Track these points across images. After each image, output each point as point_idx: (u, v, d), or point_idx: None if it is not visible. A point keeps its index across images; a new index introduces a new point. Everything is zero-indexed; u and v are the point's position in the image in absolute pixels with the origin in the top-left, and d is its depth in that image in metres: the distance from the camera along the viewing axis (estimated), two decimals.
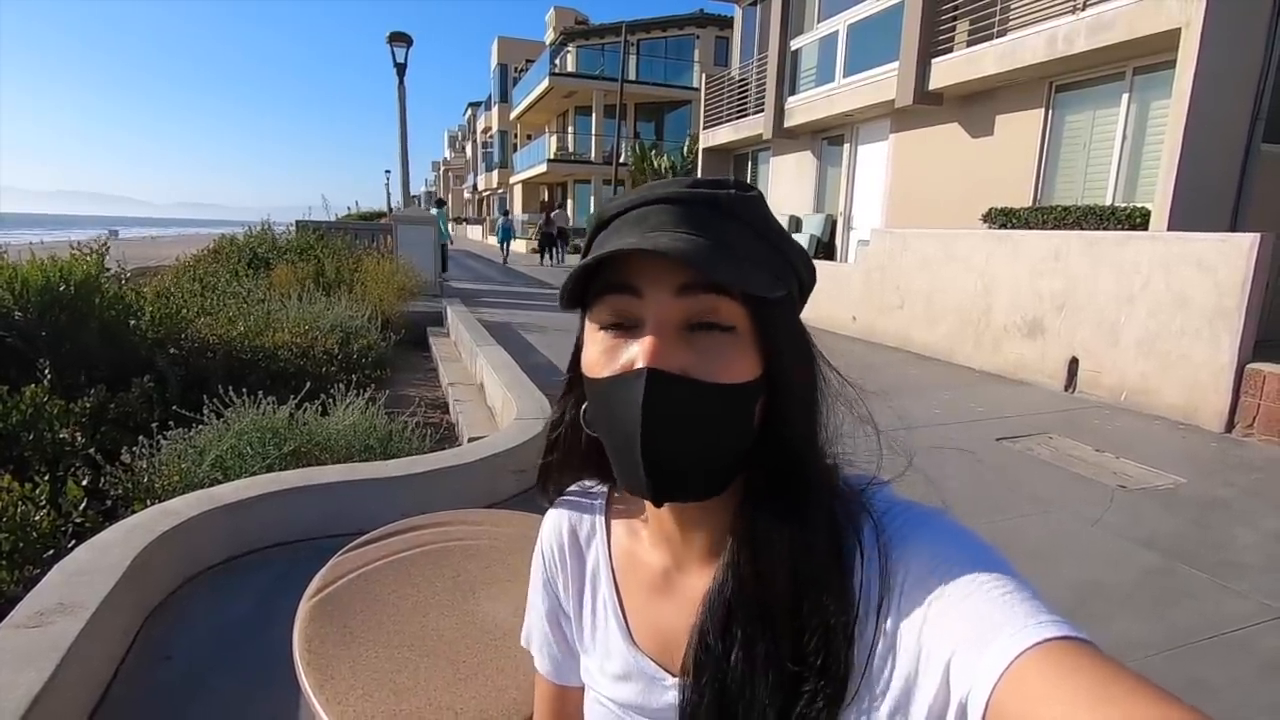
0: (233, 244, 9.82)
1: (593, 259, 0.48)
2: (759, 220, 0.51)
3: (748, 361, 0.49)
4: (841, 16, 9.48)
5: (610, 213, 0.53)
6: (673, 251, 0.45)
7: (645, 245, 0.45)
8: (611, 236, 0.51)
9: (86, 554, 2.01)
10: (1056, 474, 3.72)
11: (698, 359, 0.47)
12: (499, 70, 36.89)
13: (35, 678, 1.45)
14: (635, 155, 22.09)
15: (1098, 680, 0.35)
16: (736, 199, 0.51)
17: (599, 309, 0.51)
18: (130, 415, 3.37)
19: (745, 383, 0.49)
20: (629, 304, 0.49)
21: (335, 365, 4.67)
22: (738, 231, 0.50)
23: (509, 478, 3.07)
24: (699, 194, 0.50)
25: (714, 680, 0.51)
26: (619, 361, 0.49)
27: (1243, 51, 5.37)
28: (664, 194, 0.50)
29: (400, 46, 10.86)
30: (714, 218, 0.49)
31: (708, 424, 0.48)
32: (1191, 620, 2.34)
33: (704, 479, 0.51)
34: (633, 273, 0.49)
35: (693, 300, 0.48)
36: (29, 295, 3.77)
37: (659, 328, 0.48)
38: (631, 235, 0.49)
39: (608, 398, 0.50)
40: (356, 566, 1.35)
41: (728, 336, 0.48)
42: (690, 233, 0.48)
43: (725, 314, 0.48)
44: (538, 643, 0.71)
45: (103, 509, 2.57)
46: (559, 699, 0.71)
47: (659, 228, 0.49)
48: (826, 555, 0.49)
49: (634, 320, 0.49)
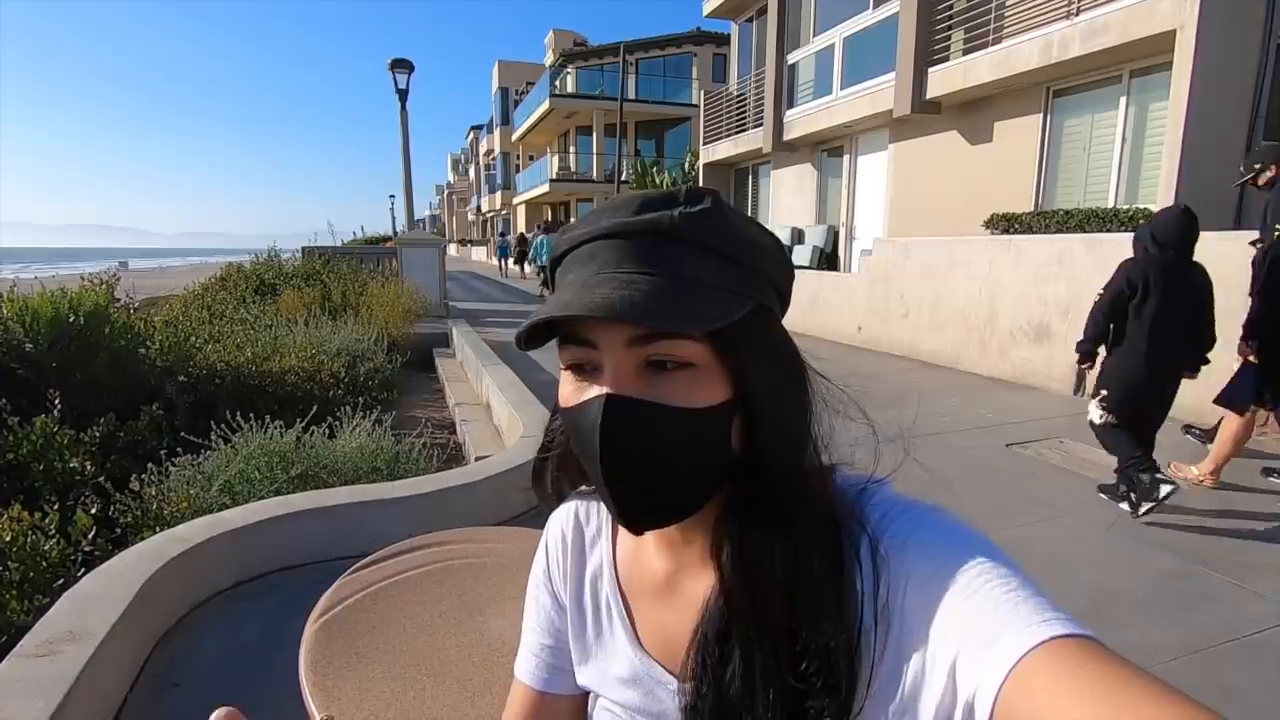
0: (240, 271, 9.91)
1: (535, 320, 0.47)
2: (713, 237, 0.48)
3: (713, 388, 0.48)
4: (837, 29, 9.56)
5: (562, 248, 0.53)
6: (610, 312, 0.44)
7: (584, 309, 0.44)
8: (565, 274, 0.51)
9: (95, 582, 2.01)
10: (1069, 479, 3.68)
11: (659, 394, 0.47)
12: (500, 93, 37.34)
13: (44, 707, 1.45)
14: (636, 173, 22.25)
15: (1105, 678, 0.35)
16: (684, 221, 0.48)
17: (562, 352, 0.51)
18: (139, 443, 3.39)
19: (711, 406, 0.48)
20: (586, 354, 0.49)
21: (342, 388, 4.68)
22: (688, 257, 0.48)
23: (516, 496, 3.06)
24: (645, 222, 0.48)
25: (714, 687, 0.50)
26: (585, 396, 0.49)
27: (1239, 51, 5.38)
28: (610, 227, 0.49)
29: (402, 73, 11.01)
30: (662, 247, 0.48)
31: (673, 447, 0.48)
32: (1211, 624, 2.30)
33: (677, 503, 0.50)
34: (584, 326, 0.48)
35: (644, 348, 0.47)
36: (39, 327, 3.82)
37: (616, 376, 0.48)
38: (582, 274, 0.49)
39: (575, 426, 0.50)
40: (362, 587, 1.34)
41: (687, 371, 0.48)
42: (637, 271, 0.47)
43: (681, 354, 0.47)
44: (527, 646, 0.70)
45: (112, 537, 2.58)
46: (535, 706, 0.68)
47: (606, 267, 0.48)
48: (822, 573, 0.48)
49: (593, 365, 0.49)
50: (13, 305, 3.93)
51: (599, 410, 0.47)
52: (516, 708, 0.69)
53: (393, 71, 11.00)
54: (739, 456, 0.51)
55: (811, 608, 0.47)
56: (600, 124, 26.38)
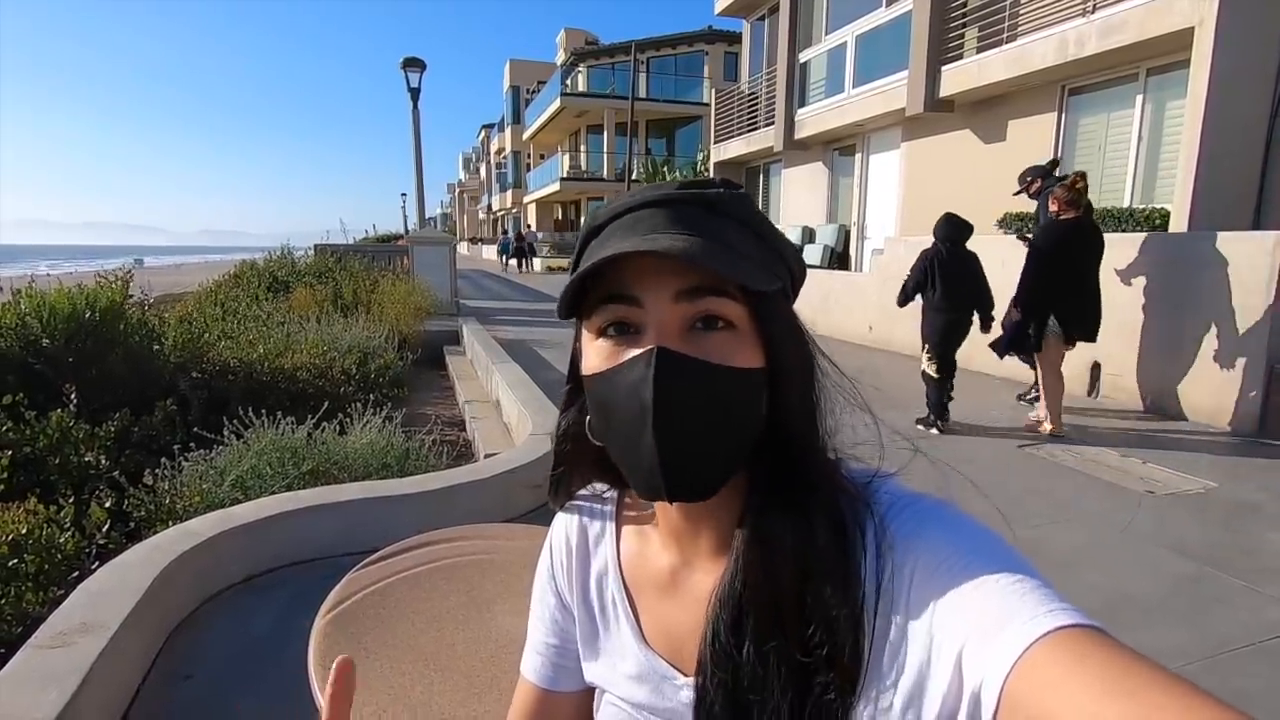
0: (253, 269, 9.99)
1: (591, 264, 0.47)
2: (750, 217, 0.52)
3: (750, 352, 0.50)
4: (850, 28, 9.51)
5: (603, 218, 0.53)
6: (674, 251, 0.45)
7: (645, 247, 0.46)
8: (605, 243, 0.51)
9: (109, 575, 2.03)
10: (1082, 480, 3.65)
11: (703, 352, 0.48)
12: (511, 92, 37.43)
13: (57, 698, 1.46)
14: (647, 171, 22.27)
15: (1112, 668, 0.34)
16: (727, 197, 0.51)
17: (597, 317, 0.51)
18: (153, 438, 3.42)
19: (750, 369, 0.49)
20: (628, 312, 0.49)
21: (353, 385, 4.71)
22: (731, 229, 0.50)
23: (525, 493, 3.07)
24: (690, 194, 0.51)
25: (727, 676, 0.50)
26: (626, 356, 0.49)
27: (1258, 48, 5.30)
28: (655, 197, 0.51)
29: (414, 72, 11.06)
30: (707, 217, 0.50)
31: (718, 406, 0.48)
32: (1227, 628, 2.27)
33: (716, 469, 0.50)
34: (630, 280, 0.49)
35: (692, 304, 0.48)
36: (56, 323, 3.86)
37: (661, 332, 0.48)
38: (626, 241, 0.49)
39: (613, 388, 0.49)
40: (371, 582, 1.35)
41: (728, 333, 0.49)
42: (686, 233, 0.48)
43: (725, 312, 0.48)
44: (533, 644, 0.70)
45: (126, 530, 2.61)
46: (541, 704, 0.69)
47: (654, 230, 0.49)
48: (830, 546, 0.48)
49: (634, 327, 0.49)
50: (30, 301, 3.98)
51: (649, 364, 0.47)
52: (522, 705, 0.70)
53: (405, 70, 11.05)
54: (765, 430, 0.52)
55: (821, 581, 0.48)
56: (611, 123, 26.39)
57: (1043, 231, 4.52)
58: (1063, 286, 4.34)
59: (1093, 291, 4.43)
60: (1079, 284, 4.40)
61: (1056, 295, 4.35)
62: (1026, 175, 5.35)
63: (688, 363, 0.47)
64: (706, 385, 0.47)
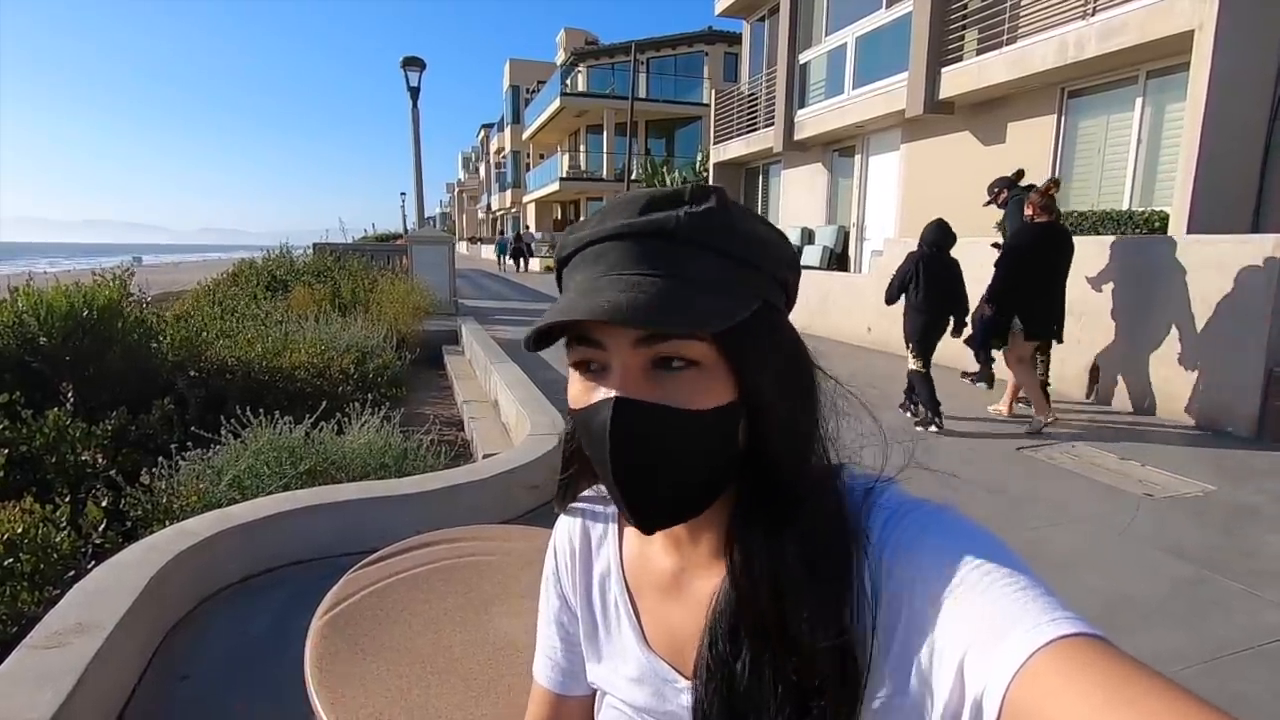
0: (251, 267, 9.98)
1: (544, 324, 0.48)
2: (717, 237, 0.49)
3: (719, 388, 0.48)
4: (850, 29, 9.52)
5: (569, 249, 0.53)
6: (615, 315, 0.44)
7: (591, 313, 0.45)
8: (573, 274, 0.51)
9: (105, 574, 2.02)
10: (1081, 483, 3.65)
11: (666, 394, 0.47)
12: (511, 92, 37.44)
13: (52, 698, 1.45)
14: (646, 172, 22.26)
15: (1115, 678, 0.34)
16: (689, 221, 0.48)
17: (571, 352, 0.51)
18: (150, 437, 3.41)
19: (718, 407, 0.48)
20: (594, 354, 0.49)
21: (351, 384, 4.69)
22: (693, 259, 0.48)
23: (523, 494, 3.06)
24: (650, 224, 0.48)
25: (723, 684, 0.50)
26: (594, 397, 0.50)
27: (1258, 51, 5.31)
28: (617, 228, 0.49)
29: (414, 71, 11.05)
30: (666, 249, 0.48)
31: (681, 449, 0.48)
32: (1226, 632, 2.27)
33: (687, 503, 0.51)
34: (592, 325, 0.49)
35: (651, 348, 0.47)
36: (53, 320, 3.85)
37: (624, 376, 0.48)
38: (589, 276, 0.49)
39: (586, 427, 0.50)
40: (369, 583, 1.34)
41: (694, 371, 0.48)
42: (644, 273, 0.47)
43: (687, 353, 0.47)
44: (542, 648, 0.71)
45: (122, 530, 2.60)
46: (554, 708, 0.70)
47: (613, 269, 0.48)
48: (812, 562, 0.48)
49: (601, 365, 0.50)
50: (28, 298, 3.97)
51: (608, 413, 0.47)
52: (536, 710, 0.71)
53: (404, 69, 11.04)
54: (746, 453, 0.51)
55: (815, 606, 0.47)
56: (611, 123, 26.39)
57: (1017, 234, 4.75)
58: (1032, 286, 4.58)
59: (1058, 294, 4.65)
60: (1048, 285, 4.63)
61: (1025, 295, 4.58)
62: (994, 186, 5.63)
63: (646, 410, 0.47)
64: (668, 430, 0.47)
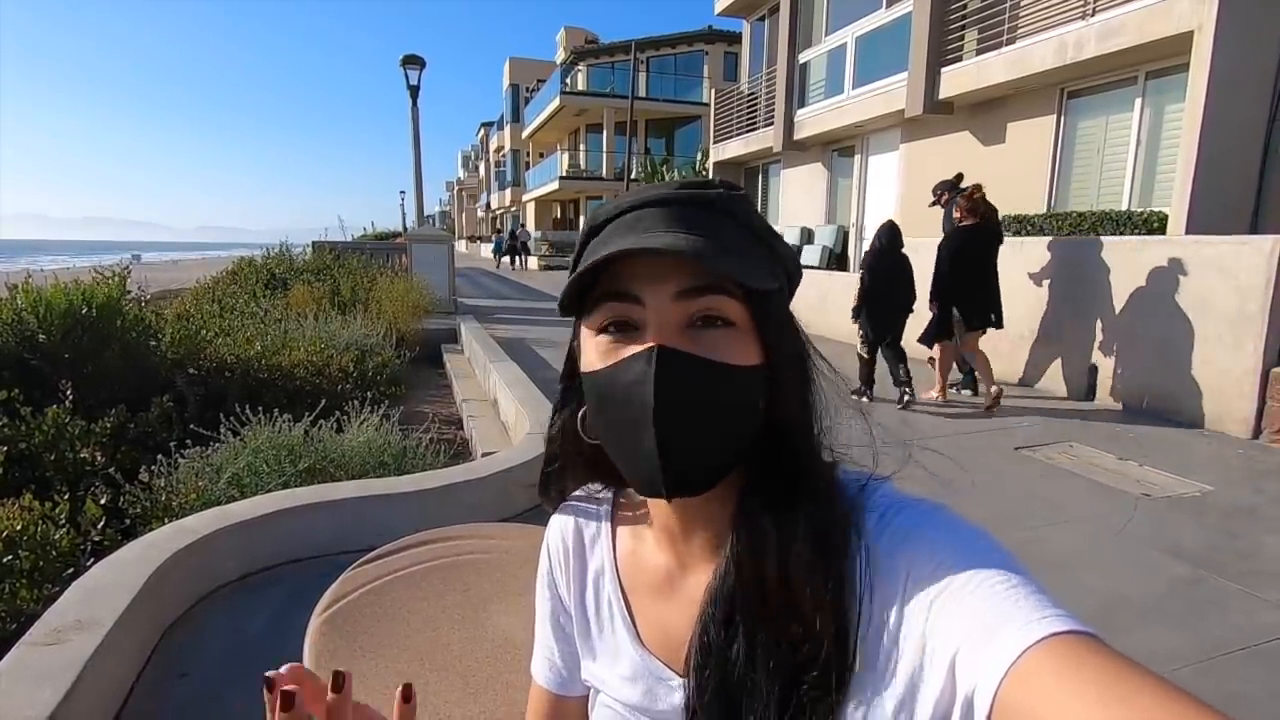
0: (251, 266, 9.97)
1: (592, 263, 0.48)
2: (749, 217, 0.52)
3: (749, 350, 0.50)
4: (850, 29, 9.51)
5: (603, 217, 0.53)
6: (675, 248, 0.45)
7: (646, 244, 0.46)
8: (606, 242, 0.51)
9: (104, 571, 2.02)
10: (1078, 483, 3.65)
11: (703, 350, 0.48)
12: (511, 90, 37.40)
13: (51, 696, 1.45)
14: (646, 171, 22.26)
15: (1106, 675, 0.34)
16: (727, 197, 0.52)
17: (597, 314, 0.51)
18: (149, 435, 3.41)
19: (751, 367, 0.49)
20: (629, 310, 0.49)
21: (350, 383, 4.70)
22: (731, 229, 0.51)
23: (522, 492, 3.06)
24: (689, 194, 0.51)
25: (716, 673, 0.50)
26: (624, 354, 0.49)
27: (1257, 52, 5.31)
28: (655, 196, 0.51)
29: (414, 69, 11.04)
30: (707, 217, 0.50)
31: (719, 402, 0.49)
32: (1223, 632, 2.27)
33: (715, 464, 0.51)
34: (631, 278, 0.49)
35: (692, 302, 0.48)
36: (52, 318, 3.85)
37: (661, 330, 0.48)
38: (626, 239, 0.49)
39: (613, 385, 0.50)
40: (367, 581, 1.34)
41: (728, 330, 0.49)
42: (685, 232, 0.48)
43: (725, 310, 0.49)
44: (540, 648, 0.71)
45: (121, 527, 2.60)
46: (553, 708, 0.70)
47: (654, 229, 0.49)
48: (820, 542, 0.49)
49: (634, 324, 0.49)
50: (27, 296, 3.96)
51: (650, 361, 0.47)
52: (535, 710, 0.71)
53: (404, 68, 11.03)
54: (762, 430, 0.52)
55: (803, 577, 0.48)
56: (611, 122, 26.36)
57: (949, 236, 5.22)
58: (967, 282, 5.06)
59: (993, 286, 5.14)
60: (983, 279, 5.11)
61: (961, 290, 5.06)
62: (937, 188, 5.97)
63: (688, 360, 0.47)
64: (706, 382, 0.48)
